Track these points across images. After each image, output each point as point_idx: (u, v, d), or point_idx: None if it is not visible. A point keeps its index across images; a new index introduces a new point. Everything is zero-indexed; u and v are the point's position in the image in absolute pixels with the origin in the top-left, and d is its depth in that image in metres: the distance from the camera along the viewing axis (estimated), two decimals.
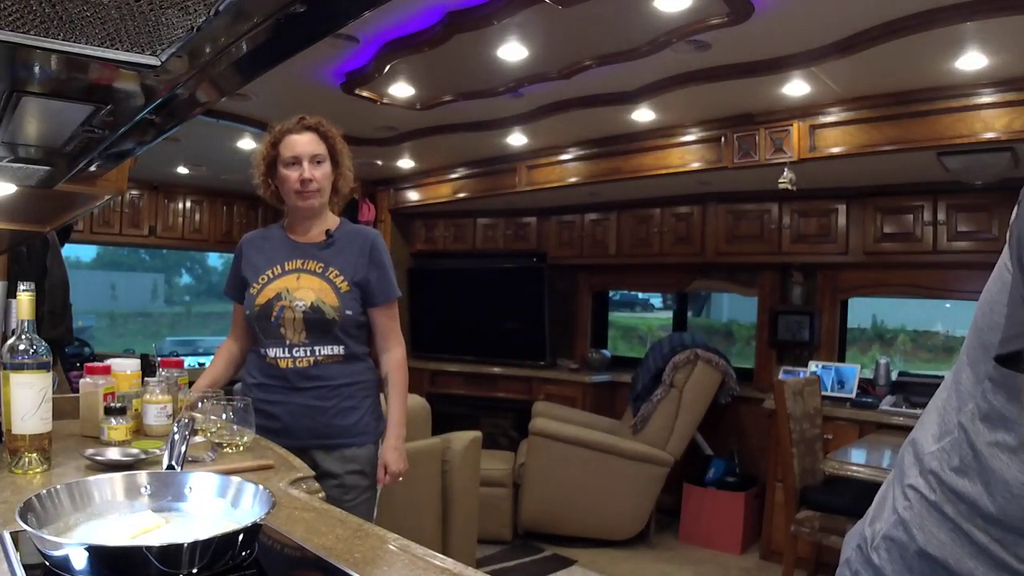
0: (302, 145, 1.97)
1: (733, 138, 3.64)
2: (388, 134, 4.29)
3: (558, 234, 5.35)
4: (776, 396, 3.34)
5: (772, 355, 4.46)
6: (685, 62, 2.95)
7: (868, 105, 3.18)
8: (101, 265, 8.15)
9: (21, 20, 0.70)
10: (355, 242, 2.02)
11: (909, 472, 0.78)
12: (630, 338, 6.20)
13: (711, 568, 3.81)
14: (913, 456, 0.78)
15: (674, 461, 3.94)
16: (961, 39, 2.51)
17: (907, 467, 0.79)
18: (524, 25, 2.65)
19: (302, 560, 1.02)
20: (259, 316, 1.96)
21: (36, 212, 2.15)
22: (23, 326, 1.36)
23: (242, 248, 2.08)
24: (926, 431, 0.78)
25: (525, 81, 3.22)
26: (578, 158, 4.34)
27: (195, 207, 5.88)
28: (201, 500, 1.10)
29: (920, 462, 0.77)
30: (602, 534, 4.00)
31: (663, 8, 2.44)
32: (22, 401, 1.36)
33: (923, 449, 0.77)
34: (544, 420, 4.13)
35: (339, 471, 1.94)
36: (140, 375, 1.89)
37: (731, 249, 4.48)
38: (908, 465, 0.79)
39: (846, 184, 3.96)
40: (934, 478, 0.75)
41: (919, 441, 0.79)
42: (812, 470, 3.41)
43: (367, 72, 3.15)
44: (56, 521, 0.98)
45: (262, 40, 0.72)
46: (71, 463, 1.48)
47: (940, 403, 0.77)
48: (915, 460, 0.78)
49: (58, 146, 1.20)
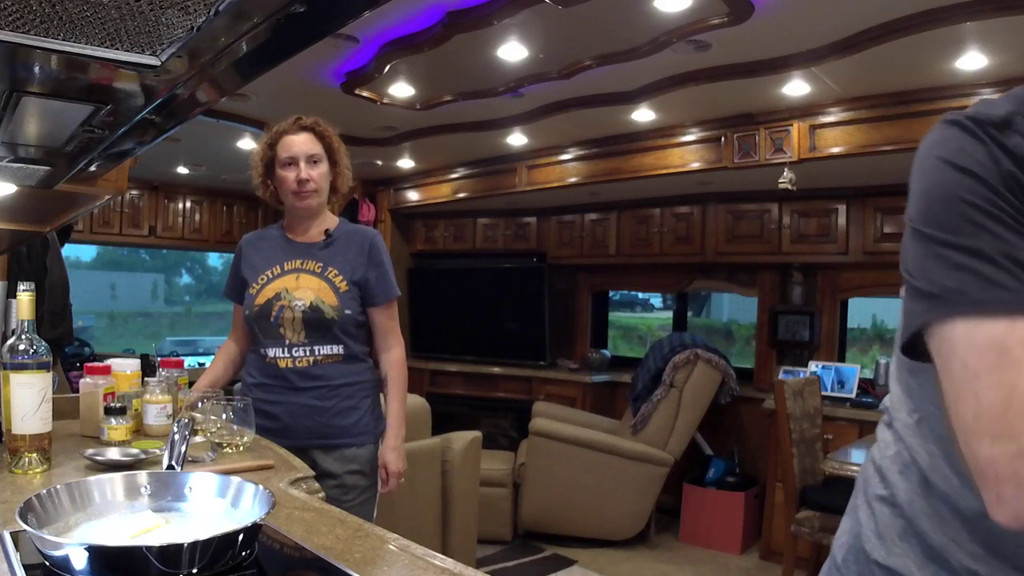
0: (298, 145, 1.97)
1: (733, 138, 3.64)
2: (388, 134, 4.29)
3: (558, 234, 5.35)
4: (776, 396, 3.34)
5: (772, 355, 4.46)
6: (685, 62, 2.95)
7: (868, 105, 3.18)
8: (101, 265, 8.15)
9: (21, 20, 0.70)
10: (354, 241, 2.02)
11: (872, 483, 0.85)
12: (630, 338, 6.20)
13: (711, 568, 3.81)
14: (873, 468, 0.85)
15: (674, 461, 3.94)
16: (961, 39, 2.51)
17: (869, 479, 0.85)
18: (524, 25, 2.65)
19: (302, 560, 1.02)
20: (258, 316, 1.96)
21: (36, 212, 2.15)
22: (23, 326, 1.36)
23: (241, 249, 2.08)
24: (882, 446, 0.86)
25: (525, 81, 3.22)
26: (578, 158, 4.34)
27: (195, 207, 5.88)
28: (201, 500, 1.10)
29: (879, 471, 0.83)
30: (602, 534, 4.00)
31: (663, 8, 2.44)
32: (22, 401, 1.36)
33: (877, 458, 0.85)
34: (544, 420, 4.13)
35: (339, 471, 1.94)
36: (140, 375, 1.89)
37: (731, 249, 4.48)
38: (869, 476, 0.85)
39: (846, 184, 3.96)
40: (884, 478, 0.82)
41: (876, 454, 0.86)
42: (812, 470, 3.41)
43: (367, 72, 3.15)
44: (56, 521, 0.98)
45: (262, 40, 0.72)
46: (71, 463, 1.48)
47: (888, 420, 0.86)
48: (875, 471, 0.85)
49: (58, 146, 1.20)
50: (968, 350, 0.61)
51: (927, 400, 0.75)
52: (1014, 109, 0.68)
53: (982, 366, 0.60)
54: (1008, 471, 0.57)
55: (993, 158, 0.66)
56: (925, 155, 0.71)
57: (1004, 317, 0.60)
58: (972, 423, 0.60)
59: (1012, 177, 0.65)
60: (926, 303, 0.66)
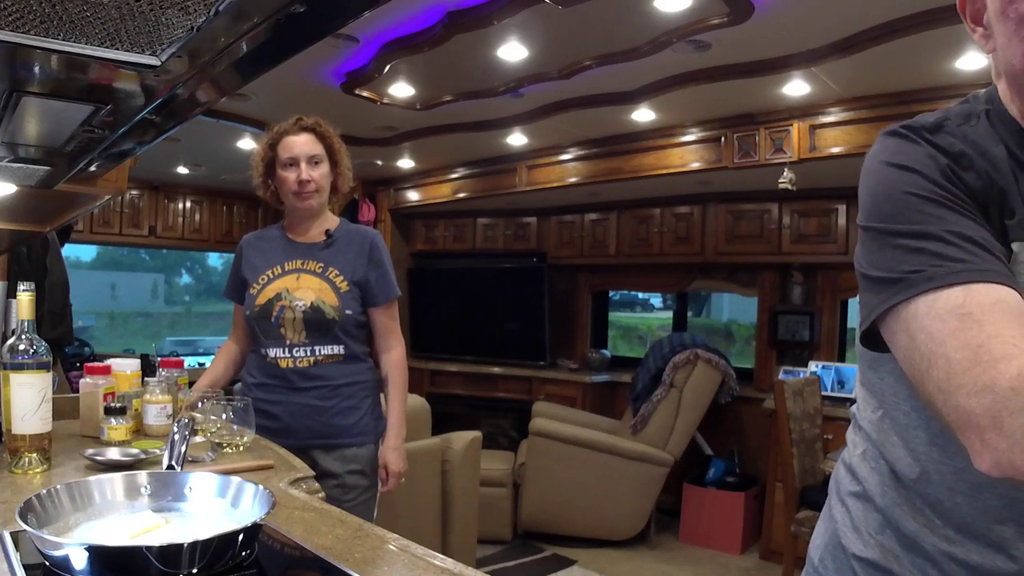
0: (299, 146, 1.97)
1: (733, 138, 3.64)
2: (388, 134, 4.29)
3: (558, 234, 5.35)
4: (776, 396, 3.34)
5: (772, 355, 4.46)
6: (685, 62, 2.95)
7: (868, 105, 3.18)
8: (101, 265, 8.15)
9: (21, 20, 0.70)
10: (354, 242, 2.02)
11: (843, 482, 0.89)
12: (630, 338, 6.20)
13: (711, 568, 3.81)
14: (844, 468, 0.90)
15: (674, 461, 3.94)
16: (961, 39, 2.51)
17: (841, 479, 0.90)
18: (524, 25, 2.65)
19: (302, 560, 1.02)
20: (259, 316, 1.96)
21: (36, 212, 2.15)
22: (23, 326, 1.36)
23: (242, 249, 2.08)
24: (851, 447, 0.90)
25: (525, 81, 3.22)
26: (578, 158, 4.34)
27: (195, 207, 5.88)
28: (201, 500, 1.10)
29: (850, 470, 0.88)
30: (602, 534, 4.00)
31: (663, 8, 2.44)
32: (22, 401, 1.36)
33: (847, 458, 0.90)
34: (544, 420, 4.13)
35: (339, 471, 1.94)
36: (140, 375, 1.89)
37: (731, 249, 4.48)
38: (841, 477, 0.90)
39: (846, 184, 3.95)
40: (855, 476, 0.86)
41: (846, 455, 0.90)
42: (812, 470, 3.41)
43: (367, 72, 3.15)
44: (56, 521, 0.98)
45: (262, 40, 0.72)
46: (71, 463, 1.48)
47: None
48: (846, 470, 0.89)
49: (58, 146, 1.20)
50: (931, 321, 0.65)
51: (888, 392, 0.79)
52: (944, 116, 0.76)
53: (946, 331, 0.64)
54: (988, 418, 0.59)
55: (929, 155, 0.73)
56: (868, 163, 0.78)
57: (959, 285, 0.65)
58: (947, 382, 0.63)
59: (948, 168, 0.71)
60: (887, 290, 0.70)
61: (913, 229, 0.69)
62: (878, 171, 0.76)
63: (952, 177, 0.71)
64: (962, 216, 0.68)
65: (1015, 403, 0.58)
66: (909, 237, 0.69)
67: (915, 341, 0.66)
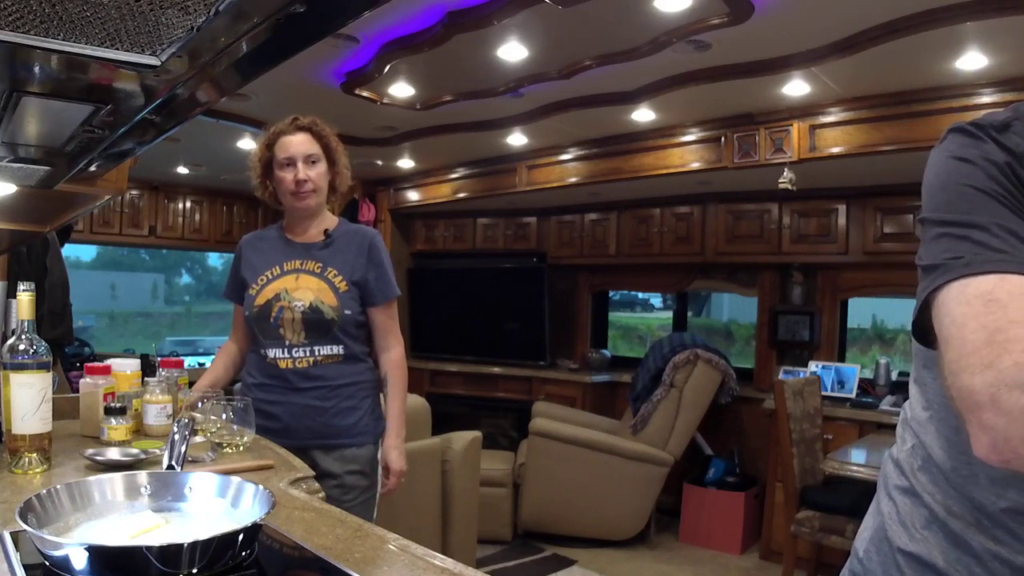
0: (296, 146, 1.96)
1: (733, 138, 3.64)
2: (388, 134, 4.29)
3: (558, 234, 5.35)
4: (776, 396, 3.34)
5: (772, 355, 4.46)
6: (685, 62, 2.95)
7: (868, 105, 3.18)
8: (101, 265, 8.15)
9: (21, 20, 0.70)
10: (354, 242, 2.02)
11: (891, 477, 0.88)
12: (630, 338, 6.20)
13: (711, 568, 3.81)
14: (892, 463, 0.89)
15: (674, 461, 3.94)
16: (961, 39, 2.51)
17: (889, 474, 0.89)
18: (524, 25, 2.65)
19: (302, 560, 1.02)
20: (258, 317, 1.96)
21: (36, 212, 2.15)
22: (23, 326, 1.36)
23: (241, 249, 2.08)
24: (901, 442, 0.89)
25: (525, 81, 3.22)
26: (578, 158, 4.34)
27: (195, 207, 5.88)
28: (201, 500, 1.10)
29: (898, 465, 0.87)
30: (602, 534, 4.00)
31: (663, 8, 2.44)
32: (22, 401, 1.36)
33: (895, 453, 0.89)
34: (544, 420, 4.13)
35: (339, 471, 1.94)
36: (140, 375, 1.89)
37: (731, 249, 4.48)
38: (889, 472, 0.89)
39: (846, 184, 3.96)
40: (903, 472, 0.85)
41: (895, 450, 0.90)
42: (812, 470, 3.41)
43: (367, 72, 3.15)
44: (56, 521, 0.98)
45: (262, 40, 0.72)
46: (71, 463, 1.48)
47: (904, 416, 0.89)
48: (894, 465, 0.88)
49: (58, 146, 1.20)
50: (958, 305, 0.64)
51: (938, 392, 0.77)
52: (1013, 116, 0.74)
53: (969, 314, 0.62)
54: (987, 396, 0.58)
55: (992, 151, 0.72)
56: (932, 157, 0.78)
57: (995, 274, 0.63)
58: (956, 363, 0.62)
59: (1008, 165, 0.70)
60: (928, 277, 0.69)
61: (962, 219, 0.69)
62: (938, 164, 0.76)
63: (1011, 175, 0.70)
64: (1014, 214, 0.68)
65: (1015, 377, 0.56)
66: (957, 226, 0.69)
67: (941, 326, 0.65)
